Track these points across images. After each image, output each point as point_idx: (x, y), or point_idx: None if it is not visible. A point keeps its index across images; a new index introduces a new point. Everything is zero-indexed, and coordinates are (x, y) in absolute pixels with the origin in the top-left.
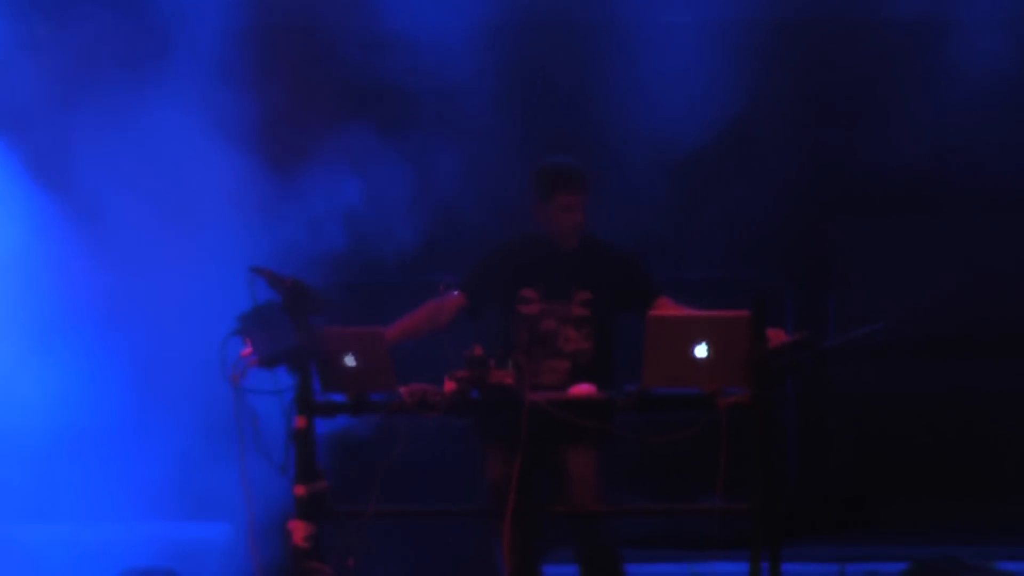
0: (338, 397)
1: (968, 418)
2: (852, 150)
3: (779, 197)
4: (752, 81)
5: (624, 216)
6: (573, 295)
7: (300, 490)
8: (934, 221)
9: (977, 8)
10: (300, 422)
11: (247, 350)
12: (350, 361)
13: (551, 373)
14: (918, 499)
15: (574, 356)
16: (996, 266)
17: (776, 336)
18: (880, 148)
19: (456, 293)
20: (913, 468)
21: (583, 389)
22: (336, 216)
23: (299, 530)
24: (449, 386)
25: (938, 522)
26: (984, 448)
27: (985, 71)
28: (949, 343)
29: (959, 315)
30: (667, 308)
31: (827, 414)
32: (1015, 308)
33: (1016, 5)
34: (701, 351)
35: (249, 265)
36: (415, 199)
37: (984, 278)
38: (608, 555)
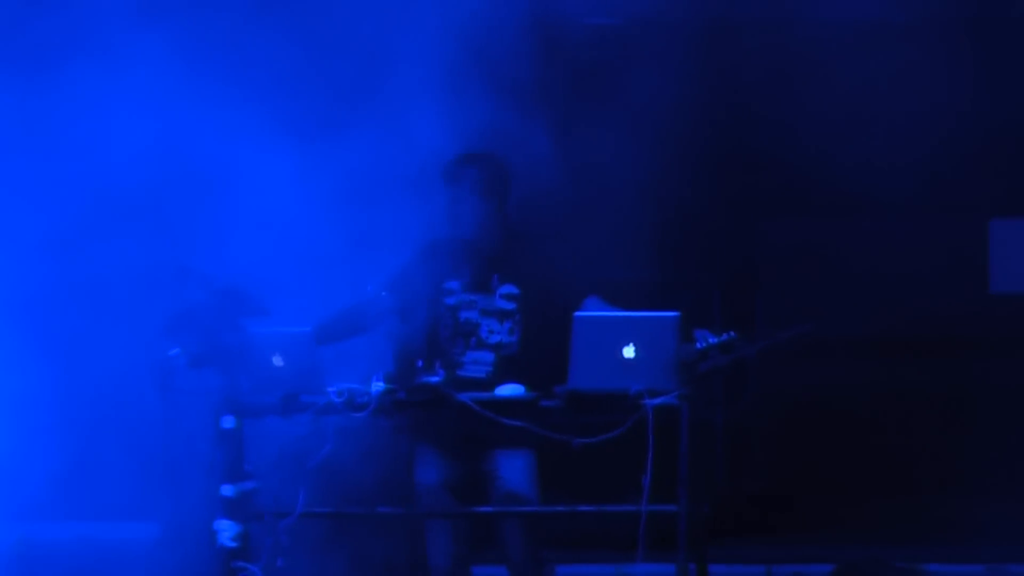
0: (267, 398)
1: (895, 418)
2: (779, 153)
3: (707, 199)
4: (677, 83)
5: (552, 215)
6: (495, 288)
7: (228, 490)
8: (860, 223)
9: (900, 12)
10: (228, 422)
11: (175, 350)
12: (278, 361)
13: (476, 365)
14: (845, 500)
15: (498, 348)
16: (921, 268)
17: (703, 337)
18: (806, 151)
19: (382, 294)
20: (840, 469)
21: (510, 389)
22: None
23: (227, 530)
24: (376, 386)
25: (865, 523)
26: (911, 448)
27: (910, 74)
28: (875, 344)
29: (885, 316)
30: (595, 308)
31: (754, 415)
32: (940, 309)
33: (936, 9)
34: (629, 351)
35: (179, 264)
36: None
37: (909, 279)
38: (537, 557)
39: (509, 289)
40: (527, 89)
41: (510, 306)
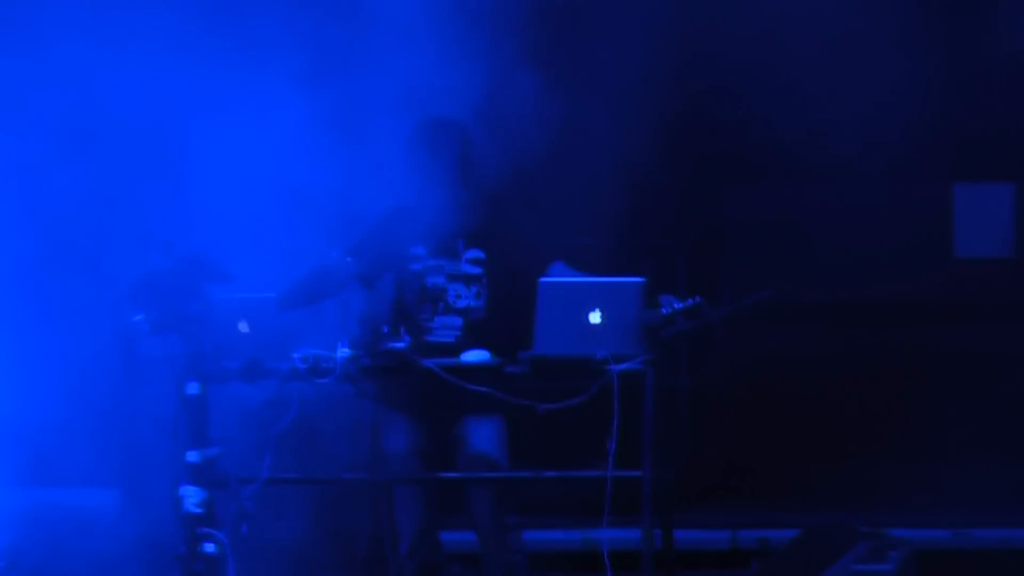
0: (231, 363)
1: (860, 384)
2: (743, 119)
3: (672, 165)
4: (643, 50)
5: (517, 181)
6: (461, 252)
7: (192, 456)
8: (824, 189)
9: None
10: (192, 388)
11: (139, 316)
12: (243, 327)
13: (444, 330)
14: (810, 465)
15: (466, 313)
16: (886, 233)
17: (668, 303)
18: (771, 117)
19: (347, 259)
20: (805, 435)
21: (476, 355)
22: None
23: (192, 496)
24: (342, 352)
25: (830, 488)
26: (876, 414)
27: (873, 41)
28: (840, 309)
29: (850, 281)
30: (561, 274)
31: (719, 380)
32: (905, 274)
33: None
34: (594, 317)
35: (142, 230)
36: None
37: (874, 245)
38: (504, 522)
39: (475, 254)
40: (490, 56)
41: (476, 270)
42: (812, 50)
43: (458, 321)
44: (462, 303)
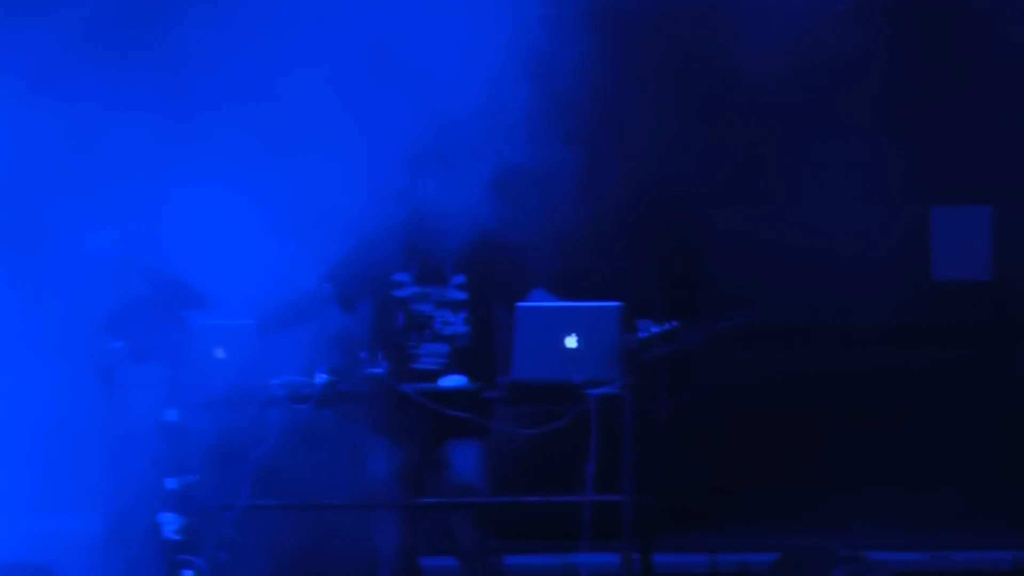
0: (209, 390)
1: (838, 407)
2: (721, 142)
3: (650, 189)
4: (620, 71)
5: (494, 206)
6: (448, 278)
7: (171, 483)
8: (802, 212)
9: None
10: (171, 415)
11: (117, 343)
12: (221, 354)
13: (430, 357)
14: (789, 489)
15: (453, 340)
16: (864, 256)
17: (646, 327)
18: (749, 140)
19: (324, 284)
20: (784, 459)
21: (454, 380)
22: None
23: (170, 523)
24: (320, 378)
25: (809, 513)
26: (855, 437)
27: (852, 63)
28: (818, 332)
29: (828, 305)
30: (540, 300)
31: (698, 405)
32: (882, 297)
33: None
34: (571, 342)
35: (120, 257)
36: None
37: (852, 268)
38: (485, 546)
39: (461, 279)
40: (464, 79)
41: (463, 296)
42: (791, 72)
43: (444, 348)
44: (449, 330)
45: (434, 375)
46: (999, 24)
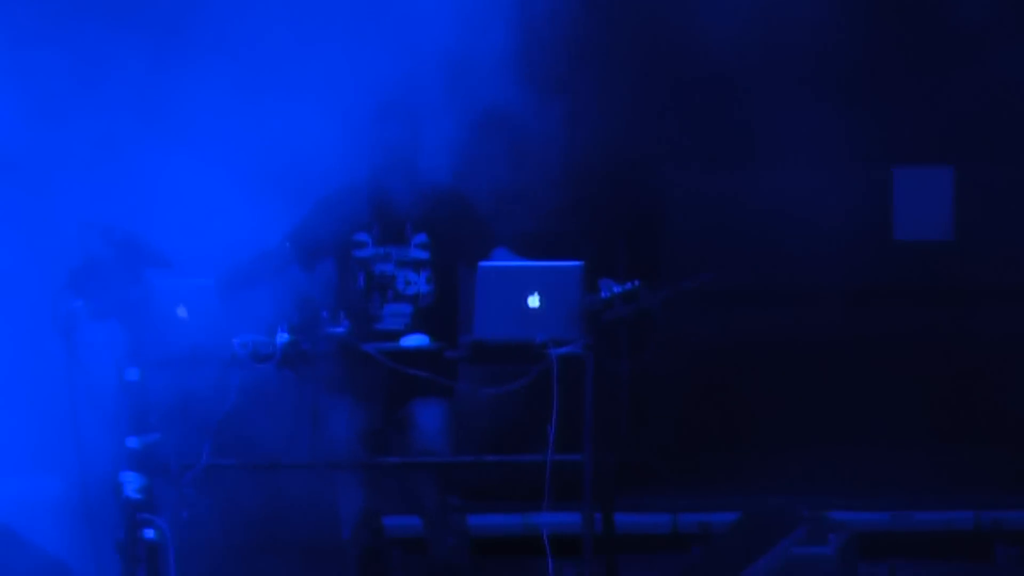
0: (171, 349)
1: (799, 368)
2: (683, 102)
3: (611, 148)
4: (581, 30)
5: (455, 166)
6: (409, 237)
7: (132, 442)
8: (763, 172)
9: None
10: (132, 374)
11: (78, 302)
12: (182, 313)
13: (394, 318)
14: (750, 449)
15: (416, 300)
16: (825, 216)
17: (607, 286)
18: (710, 100)
19: (285, 244)
20: (744, 419)
21: (415, 339)
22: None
23: (132, 483)
24: (281, 337)
25: (770, 473)
26: (816, 397)
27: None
28: (780, 293)
29: (790, 265)
30: (503, 259)
31: (659, 365)
32: (844, 257)
33: None
34: (533, 301)
35: (80, 216)
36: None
37: (813, 228)
38: (448, 505)
39: (422, 238)
40: (427, 35)
41: (425, 255)
42: (752, 34)
43: (408, 308)
44: (411, 290)
45: (397, 335)
46: None
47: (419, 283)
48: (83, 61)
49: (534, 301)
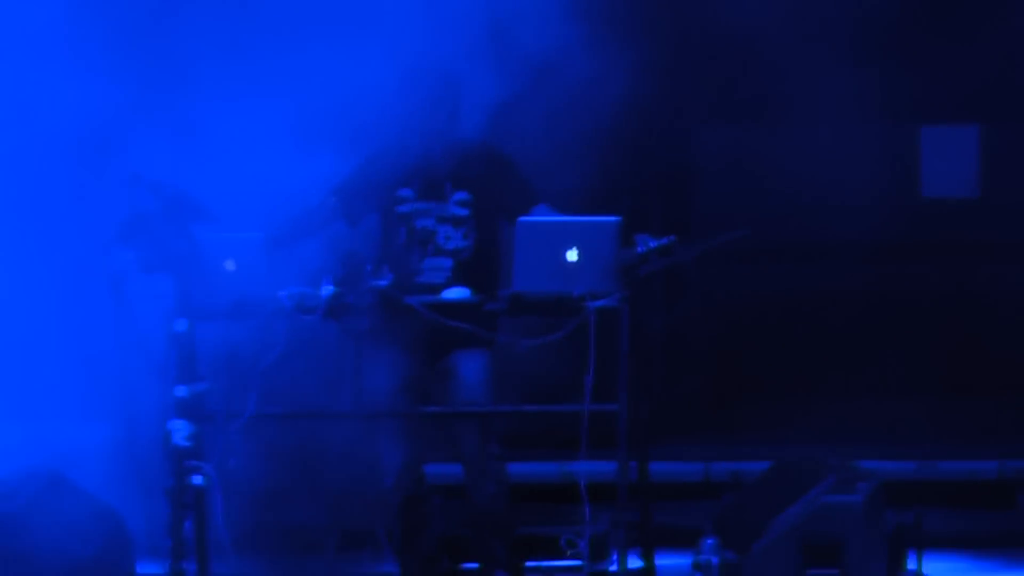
0: (218, 301)
1: (828, 322)
2: (714, 60)
3: (645, 106)
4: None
5: (495, 124)
6: (449, 194)
7: (181, 391)
8: (793, 129)
9: None
10: (180, 325)
11: (128, 255)
12: (230, 266)
13: (434, 272)
14: (781, 401)
15: (456, 254)
16: (854, 173)
17: (643, 241)
18: (741, 58)
19: (331, 199)
20: (776, 371)
21: (456, 292)
22: None
23: (180, 431)
24: (326, 290)
25: (800, 423)
26: (844, 352)
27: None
28: (810, 248)
29: (820, 220)
30: (543, 214)
31: (693, 318)
32: (873, 213)
33: None
34: (571, 255)
35: (130, 172)
36: None
37: (843, 185)
38: (489, 452)
39: (462, 196)
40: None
41: (464, 212)
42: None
43: (448, 262)
44: (451, 244)
45: (437, 288)
46: None
47: (457, 238)
48: (127, 17)
49: (572, 255)
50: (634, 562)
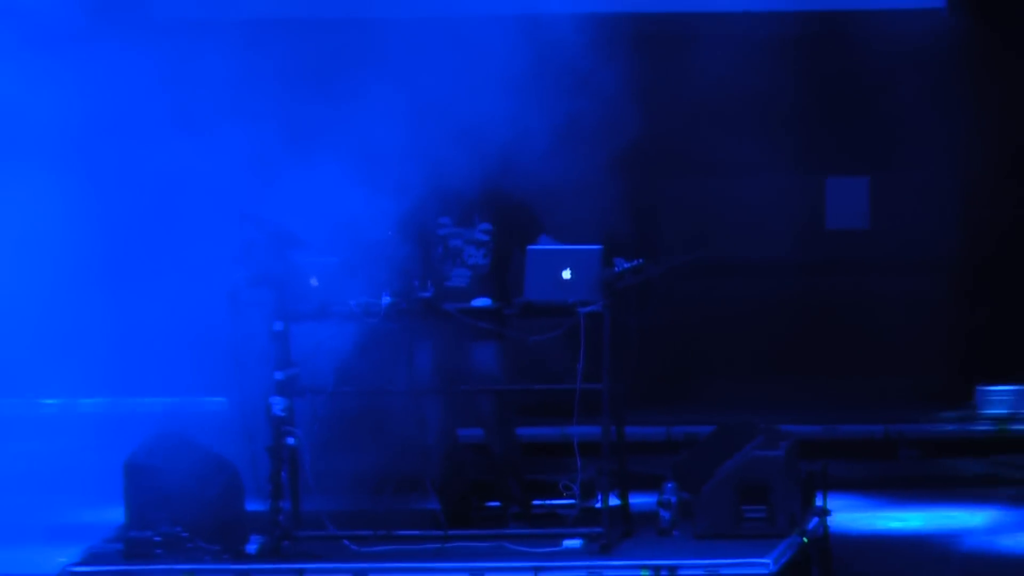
0: (306, 307)
1: (759, 321)
2: (674, 131)
3: (621, 164)
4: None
5: (515, 172)
6: (476, 223)
7: (279, 375)
8: (731, 181)
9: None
10: (278, 326)
11: (240, 273)
12: (314, 282)
13: (458, 279)
14: (723, 380)
15: (475, 268)
16: (777, 213)
17: (620, 263)
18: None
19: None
20: (721, 358)
21: (482, 301)
22: None
23: (278, 404)
24: (385, 299)
25: (738, 397)
26: (770, 342)
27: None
28: (744, 267)
29: (752, 247)
30: (545, 243)
31: (658, 319)
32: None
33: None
34: (567, 273)
35: (241, 211)
36: None
37: (768, 221)
38: (504, 420)
39: (486, 226)
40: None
41: (485, 238)
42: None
43: (468, 273)
44: (472, 260)
45: (460, 290)
46: (868, 43)
47: (478, 256)
48: (235, 91)
49: (567, 273)
50: (614, 501)
